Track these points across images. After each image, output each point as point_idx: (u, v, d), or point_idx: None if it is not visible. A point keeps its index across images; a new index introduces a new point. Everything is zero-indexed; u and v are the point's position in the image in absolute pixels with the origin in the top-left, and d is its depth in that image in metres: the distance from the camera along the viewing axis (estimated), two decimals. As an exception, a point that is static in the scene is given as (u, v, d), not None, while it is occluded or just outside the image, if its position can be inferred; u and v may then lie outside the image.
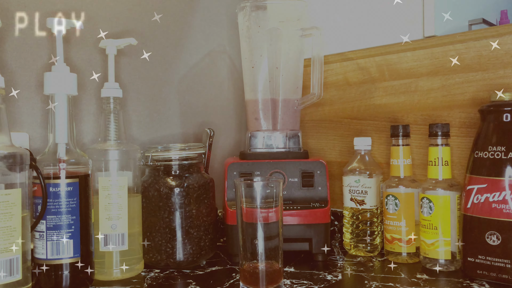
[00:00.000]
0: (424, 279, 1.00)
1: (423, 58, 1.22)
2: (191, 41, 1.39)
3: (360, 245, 1.20)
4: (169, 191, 1.08)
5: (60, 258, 0.94)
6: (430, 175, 1.07)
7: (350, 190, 1.21)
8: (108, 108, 1.06)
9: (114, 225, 1.02)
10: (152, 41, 1.30)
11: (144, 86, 1.30)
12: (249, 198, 0.89)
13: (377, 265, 1.11)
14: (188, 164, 1.12)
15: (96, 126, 1.18)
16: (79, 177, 0.96)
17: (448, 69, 1.19)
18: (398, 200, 1.12)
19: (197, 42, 1.40)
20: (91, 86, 1.18)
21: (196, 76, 1.40)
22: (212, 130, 1.22)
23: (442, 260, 1.05)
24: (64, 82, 0.96)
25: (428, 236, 1.06)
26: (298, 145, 1.24)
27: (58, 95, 0.96)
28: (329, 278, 1.02)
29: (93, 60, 1.19)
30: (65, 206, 0.94)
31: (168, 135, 1.34)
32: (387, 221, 1.15)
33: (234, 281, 1.01)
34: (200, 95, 1.42)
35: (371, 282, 0.98)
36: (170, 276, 1.05)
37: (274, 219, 0.89)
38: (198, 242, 1.10)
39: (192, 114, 1.40)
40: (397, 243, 1.13)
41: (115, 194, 1.03)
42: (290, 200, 1.16)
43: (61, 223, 0.94)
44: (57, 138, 0.96)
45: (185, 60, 1.38)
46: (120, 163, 1.04)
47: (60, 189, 0.94)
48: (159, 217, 1.08)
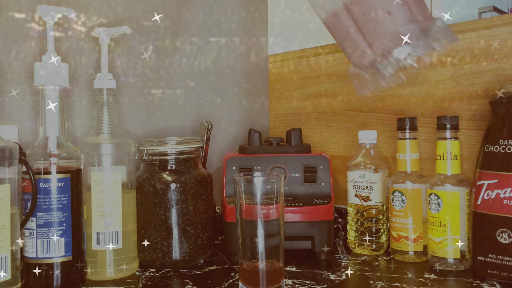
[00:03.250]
0: (432, 279, 1.00)
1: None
2: (189, 29, 1.39)
3: (365, 244, 1.20)
4: (165, 187, 1.09)
5: (51, 257, 0.94)
6: (438, 170, 1.08)
7: (355, 186, 1.21)
8: (101, 100, 1.06)
9: (107, 223, 1.03)
10: (146, 30, 1.31)
11: (138, 77, 1.30)
12: (249, 194, 0.89)
13: (383, 264, 1.11)
14: (185, 159, 1.12)
15: (88, 119, 1.19)
16: (71, 172, 0.96)
17: (457, 59, 1.19)
18: (404, 196, 1.13)
19: (196, 28, 1.40)
20: (84, 77, 1.19)
21: (193, 67, 1.41)
22: (210, 123, 1.22)
23: (451, 259, 1.05)
24: (55, 73, 0.96)
25: (436, 234, 1.07)
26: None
27: (49, 87, 0.96)
28: (333, 278, 1.02)
29: (86, 49, 1.19)
30: (56, 203, 0.94)
31: (164, 128, 1.34)
32: (393, 218, 1.15)
33: (233, 281, 1.01)
34: (198, 87, 1.42)
35: (377, 282, 0.98)
36: (166, 275, 1.05)
37: (275, 216, 0.89)
38: (195, 240, 1.11)
39: (189, 106, 1.40)
40: (404, 241, 1.13)
41: (108, 190, 1.03)
42: (292, 196, 1.16)
43: (52, 221, 0.94)
44: (48, 131, 0.96)
45: (182, 50, 1.38)
46: (113, 157, 1.04)
47: (51, 184, 0.94)
48: (155, 214, 1.09)
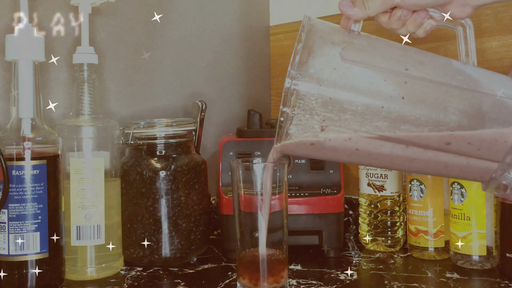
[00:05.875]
0: (455, 278, 1.00)
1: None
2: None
3: (379, 239, 1.20)
4: (153, 174, 1.08)
5: (25, 254, 0.93)
6: (462, 156, 1.06)
7: (368, 174, 1.21)
8: (81, 77, 1.05)
9: (88, 215, 1.02)
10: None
11: (124, 51, 1.29)
12: (248, 183, 0.88)
13: (399, 262, 1.11)
14: (175, 143, 1.12)
15: (67, 98, 1.17)
16: (47, 158, 0.96)
17: (483, 31, 1.17)
18: (424, 186, 1.12)
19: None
20: (61, 50, 1.17)
21: (185, 39, 1.40)
22: (204, 103, 1.21)
23: (476, 257, 1.05)
24: (29, 46, 0.95)
25: (459, 228, 1.06)
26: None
27: (22, 62, 0.95)
28: (342, 278, 1.01)
29: (64, 20, 1.18)
30: (31, 193, 0.94)
31: (152, 109, 1.34)
32: (411, 210, 1.14)
33: (230, 280, 1.01)
34: (190, 61, 1.42)
35: (392, 283, 0.98)
36: (154, 275, 1.05)
37: (278, 208, 0.89)
38: (187, 235, 1.10)
39: (180, 83, 1.40)
40: (423, 236, 1.13)
41: (89, 179, 1.02)
42: (297, 186, 1.16)
43: (25, 213, 0.93)
44: (21, 112, 0.95)
45: (172, 20, 1.36)
46: (95, 141, 1.04)
47: (25, 172, 0.93)
48: (142, 205, 1.08)
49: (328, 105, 0.74)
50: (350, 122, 0.74)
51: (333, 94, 0.74)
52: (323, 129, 0.75)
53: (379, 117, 0.74)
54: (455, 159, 0.76)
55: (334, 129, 0.74)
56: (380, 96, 0.74)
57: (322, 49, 0.76)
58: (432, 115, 0.74)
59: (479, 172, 0.77)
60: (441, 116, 0.74)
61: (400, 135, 0.74)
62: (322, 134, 0.75)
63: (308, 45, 0.75)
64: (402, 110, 0.73)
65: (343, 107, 0.74)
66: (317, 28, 0.78)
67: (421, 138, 0.74)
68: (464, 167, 0.77)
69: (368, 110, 0.74)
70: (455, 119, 0.74)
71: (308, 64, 0.74)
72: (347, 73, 0.75)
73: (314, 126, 0.75)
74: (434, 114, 0.74)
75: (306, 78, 0.73)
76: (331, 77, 0.74)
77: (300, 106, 0.74)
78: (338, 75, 0.74)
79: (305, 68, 0.74)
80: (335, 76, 0.74)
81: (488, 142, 0.74)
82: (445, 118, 0.74)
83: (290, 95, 0.74)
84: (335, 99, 0.74)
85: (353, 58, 0.75)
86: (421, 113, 0.74)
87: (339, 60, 0.75)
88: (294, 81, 0.73)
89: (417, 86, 0.75)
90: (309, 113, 0.74)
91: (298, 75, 0.73)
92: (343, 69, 0.75)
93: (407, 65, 0.76)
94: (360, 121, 0.74)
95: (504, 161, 0.75)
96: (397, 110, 0.73)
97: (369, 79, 0.75)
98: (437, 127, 0.74)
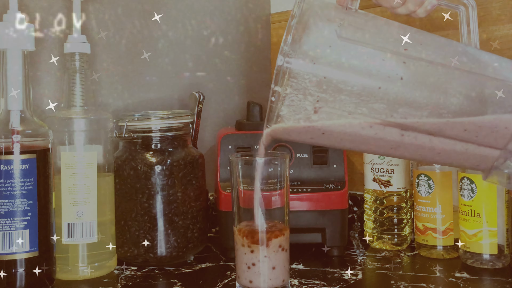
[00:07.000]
0: (464, 278, 1.00)
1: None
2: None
3: (385, 237, 1.20)
4: (148, 169, 1.08)
5: (13, 252, 0.93)
6: (472, 149, 1.06)
7: (373, 169, 1.20)
8: (72, 67, 1.05)
9: (80, 212, 1.02)
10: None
11: (117, 40, 1.29)
12: (248, 178, 0.88)
13: (406, 261, 1.11)
14: (172, 136, 1.12)
15: (58, 89, 1.18)
16: (37, 152, 0.96)
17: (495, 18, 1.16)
18: (432, 181, 1.12)
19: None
20: (52, 39, 1.17)
21: (182, 28, 1.39)
22: (202, 94, 1.22)
23: (487, 255, 1.04)
24: (18, 34, 0.95)
25: (469, 226, 1.06)
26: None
27: (10, 51, 0.95)
28: (347, 277, 1.02)
29: (55, 7, 1.18)
30: (20, 188, 0.94)
31: (147, 100, 1.34)
32: (419, 207, 1.14)
33: (228, 280, 1.01)
34: (187, 50, 1.41)
35: (399, 283, 0.98)
36: (149, 274, 1.05)
37: (279, 205, 0.89)
38: (184, 232, 1.10)
39: (176, 74, 1.39)
40: (431, 234, 1.12)
41: (81, 174, 1.02)
42: (299, 181, 1.15)
43: (14, 209, 0.93)
44: (10, 104, 0.95)
45: (168, 7, 1.35)
46: (87, 134, 1.04)
47: (14, 167, 0.93)
48: (136, 201, 1.09)
49: (322, 84, 0.73)
50: (345, 104, 0.73)
51: (328, 73, 0.73)
52: (316, 111, 0.74)
53: (376, 99, 0.73)
54: (452, 145, 0.75)
55: (328, 110, 0.74)
56: (377, 76, 0.73)
57: (317, 25, 0.75)
58: (431, 97, 0.73)
59: (476, 159, 0.77)
60: (441, 98, 0.73)
61: (395, 120, 0.74)
62: (315, 117, 0.74)
63: (302, 21, 0.74)
64: (401, 92, 0.73)
65: (338, 87, 0.73)
66: (312, 4, 0.77)
67: (419, 124, 0.74)
68: (461, 154, 0.76)
69: (365, 91, 0.73)
70: (456, 102, 0.73)
71: (302, 41, 0.73)
72: (343, 52, 0.74)
73: (307, 108, 0.74)
74: (434, 96, 0.73)
75: (299, 55, 0.72)
76: (326, 55, 0.73)
77: (293, 86, 0.73)
78: (333, 53, 0.73)
79: (299, 45, 0.73)
80: (330, 54, 0.73)
81: (488, 129, 0.73)
82: (446, 101, 0.73)
83: (283, 73, 0.73)
84: (330, 78, 0.73)
85: (350, 36, 0.75)
86: (421, 95, 0.73)
87: (335, 37, 0.74)
88: (287, 59, 0.72)
89: (417, 67, 0.75)
90: (302, 93, 0.73)
91: (291, 52, 0.72)
92: (339, 47, 0.74)
93: (406, 45, 0.75)
94: (355, 103, 0.73)
95: (506, 148, 0.74)
96: (395, 91, 0.73)
97: (366, 58, 0.74)
98: (437, 110, 0.73)
